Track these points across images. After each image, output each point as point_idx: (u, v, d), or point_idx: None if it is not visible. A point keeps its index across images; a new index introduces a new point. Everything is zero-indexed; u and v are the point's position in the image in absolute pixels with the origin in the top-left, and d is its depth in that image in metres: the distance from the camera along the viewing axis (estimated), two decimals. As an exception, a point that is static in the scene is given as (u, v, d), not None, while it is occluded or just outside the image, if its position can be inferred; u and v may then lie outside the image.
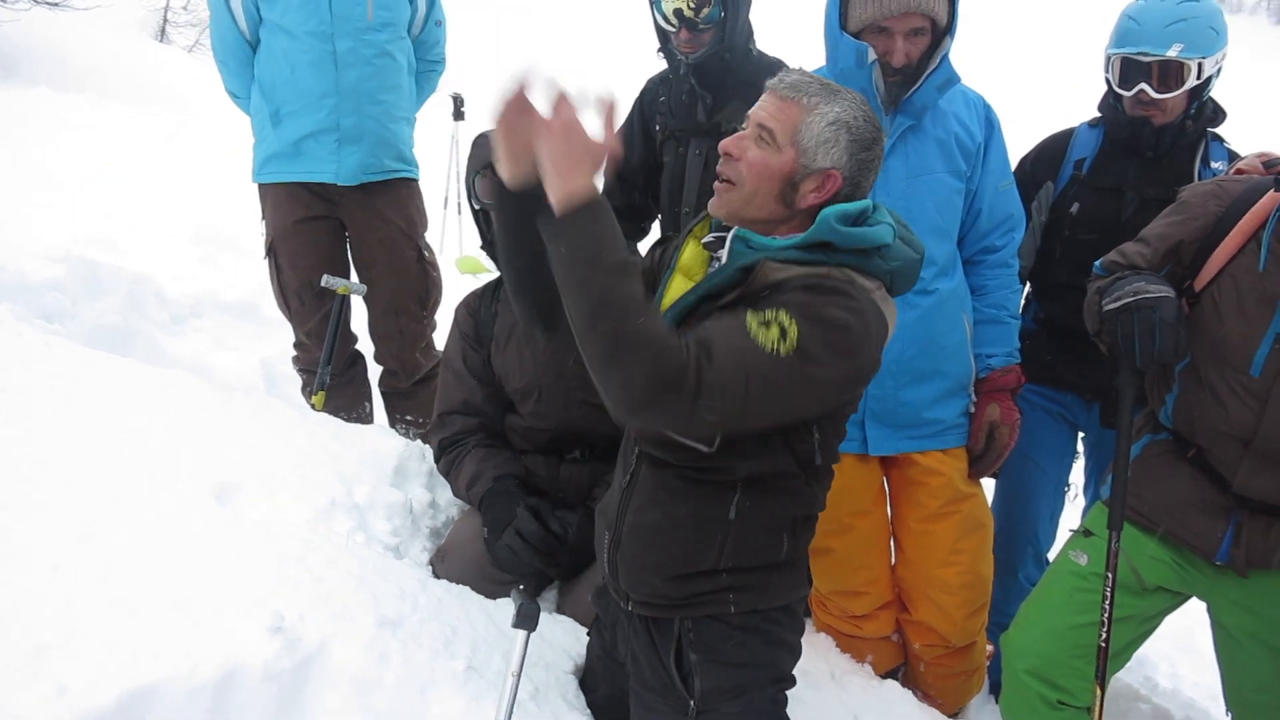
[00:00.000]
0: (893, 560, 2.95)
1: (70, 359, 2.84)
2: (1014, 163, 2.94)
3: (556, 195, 1.62)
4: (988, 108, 2.79)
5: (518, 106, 1.69)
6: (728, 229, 1.94)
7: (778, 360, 1.65)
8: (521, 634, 1.91)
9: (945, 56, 2.60)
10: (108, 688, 1.68)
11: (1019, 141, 3.02)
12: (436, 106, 3.99)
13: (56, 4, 9.85)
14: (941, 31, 2.58)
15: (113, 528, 2.09)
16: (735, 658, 1.99)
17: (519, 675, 1.88)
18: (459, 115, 7.65)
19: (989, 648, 2.98)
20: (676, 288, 1.94)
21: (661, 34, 3.01)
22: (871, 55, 2.55)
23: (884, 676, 2.89)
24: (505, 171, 1.79)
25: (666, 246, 2.09)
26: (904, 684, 2.95)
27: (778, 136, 1.84)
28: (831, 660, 2.82)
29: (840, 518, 2.80)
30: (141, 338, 4.14)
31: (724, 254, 1.89)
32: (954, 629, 2.79)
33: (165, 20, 14.65)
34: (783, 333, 1.66)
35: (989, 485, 3.07)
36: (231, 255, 5.11)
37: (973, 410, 2.82)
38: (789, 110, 1.84)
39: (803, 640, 2.14)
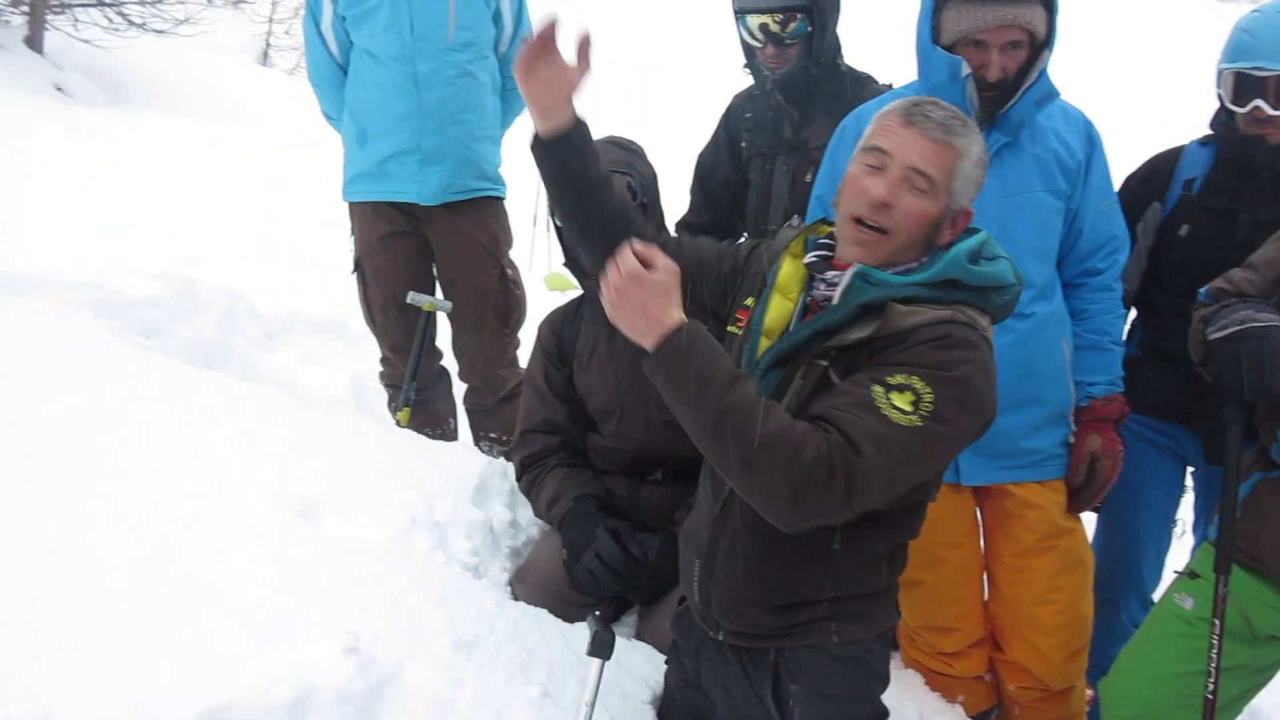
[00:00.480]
0: (986, 596, 2.82)
1: (164, 375, 2.89)
2: (1117, 182, 2.80)
3: (650, 343, 1.68)
4: (1089, 124, 2.67)
5: (542, 53, 1.83)
6: (828, 247, 1.88)
7: (917, 432, 1.65)
8: (596, 662, 1.86)
9: (1044, 71, 2.50)
10: (183, 706, 1.67)
11: (1123, 160, 2.88)
12: (526, 124, 4.00)
13: (164, 31, 10.22)
14: (1040, 44, 2.48)
15: (193, 543, 2.10)
16: (836, 689, 1.94)
17: (593, 705, 1.84)
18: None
19: (1089, 693, 2.82)
20: (777, 309, 1.89)
21: (747, 50, 2.97)
22: (965, 69, 2.46)
23: (975, 718, 2.76)
24: (538, 123, 1.91)
25: (755, 249, 2.04)
26: (998, 727, 2.83)
27: (937, 183, 1.78)
28: (920, 699, 2.70)
29: (931, 549, 2.69)
30: (236, 353, 4.22)
31: (839, 286, 1.80)
32: (1051, 671, 2.65)
33: (268, 44, 15.10)
34: (917, 399, 1.66)
35: (1090, 520, 2.92)
36: (322, 273, 5.20)
37: (1073, 440, 2.68)
38: (945, 155, 1.78)
39: (891, 676, 2.07)
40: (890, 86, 3.09)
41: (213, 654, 1.82)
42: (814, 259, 1.89)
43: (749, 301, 1.96)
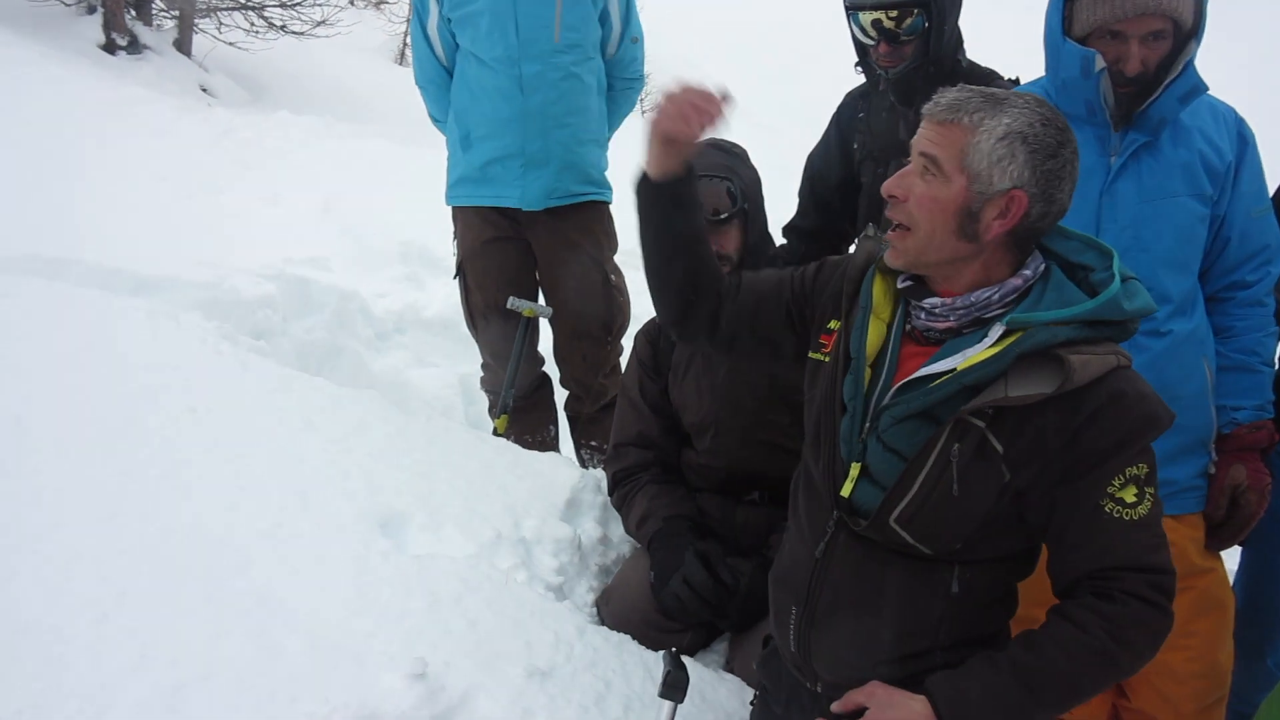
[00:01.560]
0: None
1: (263, 379, 2.90)
2: (1272, 186, 2.52)
3: None
4: (1240, 122, 2.41)
5: (691, 109, 1.77)
6: None
7: (1156, 505, 1.66)
8: (668, 705, 1.75)
9: (1190, 63, 2.25)
10: (238, 732, 1.64)
11: (1277, 161, 2.61)
12: (633, 126, 3.92)
13: (302, 34, 10.55)
14: (1185, 34, 2.24)
15: (272, 557, 2.09)
16: None
17: (664, 750, 1.73)
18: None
19: (1226, 747, 2.57)
20: (874, 331, 1.75)
21: (860, 47, 2.81)
22: (1100, 63, 2.24)
23: (1094, 771, 2.54)
24: (651, 164, 1.84)
25: (822, 267, 1.91)
26: (1121, 781, 2.60)
27: (943, 165, 1.63)
28: (1035, 748, 2.50)
29: (1049, 586, 2.49)
30: (347, 354, 4.26)
31: (994, 332, 1.65)
32: (1180, 725, 2.42)
33: (405, 44, 15.46)
34: (1139, 479, 1.64)
35: (1231, 557, 2.66)
36: (434, 273, 5.23)
37: (1213, 471, 2.43)
38: (951, 133, 1.63)
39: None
40: (1016, 82, 2.88)
41: (277, 676, 1.79)
42: (908, 283, 1.74)
43: (833, 325, 1.82)
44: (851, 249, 3.17)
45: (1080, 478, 1.62)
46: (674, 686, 1.74)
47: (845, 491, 1.74)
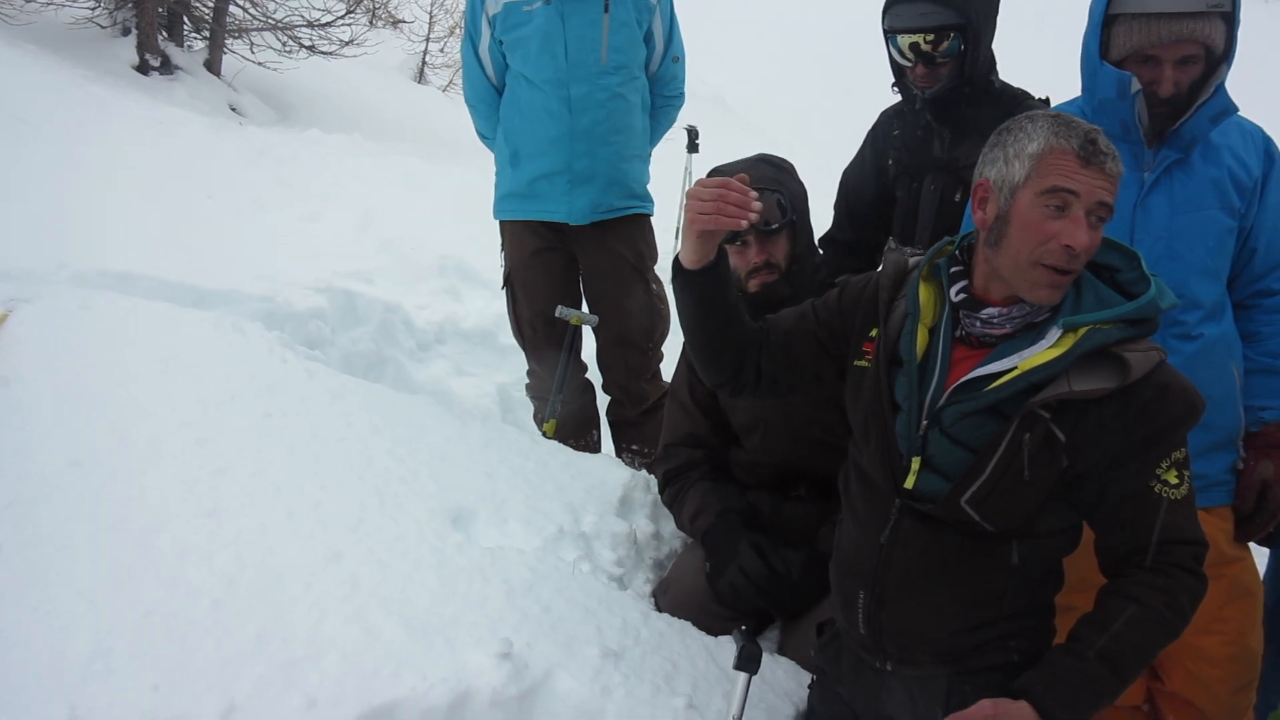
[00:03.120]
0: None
1: (327, 385, 3.06)
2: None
3: None
4: (1268, 140, 2.53)
5: (723, 204, 1.87)
6: (961, 277, 1.88)
7: (1192, 483, 1.83)
8: (743, 676, 1.89)
9: (1220, 85, 2.39)
10: (352, 703, 1.79)
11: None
12: (671, 139, 4.08)
13: (330, 54, 10.72)
14: (1217, 59, 2.38)
15: (357, 549, 2.23)
16: None
17: (739, 718, 1.86)
18: (693, 148, 7.77)
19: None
20: (921, 338, 1.89)
21: (896, 69, 2.94)
22: (1136, 85, 2.38)
23: (1129, 751, 2.66)
24: (688, 256, 1.96)
25: (846, 286, 2.06)
26: (1155, 762, 2.72)
27: (1113, 210, 1.80)
28: (1071, 729, 2.62)
29: (1086, 574, 2.58)
30: (391, 364, 4.41)
31: (1050, 334, 1.80)
32: (1217, 706, 2.53)
33: (424, 63, 15.63)
34: (1179, 469, 1.80)
35: (1261, 553, 2.78)
36: (471, 286, 5.38)
37: (1241, 467, 2.55)
38: (1116, 185, 1.79)
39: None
40: (1047, 102, 3.01)
41: (378, 655, 1.93)
42: (962, 295, 1.88)
43: (874, 333, 1.96)
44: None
45: (1132, 461, 1.78)
46: (749, 658, 1.87)
47: (909, 484, 1.87)
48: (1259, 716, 2.65)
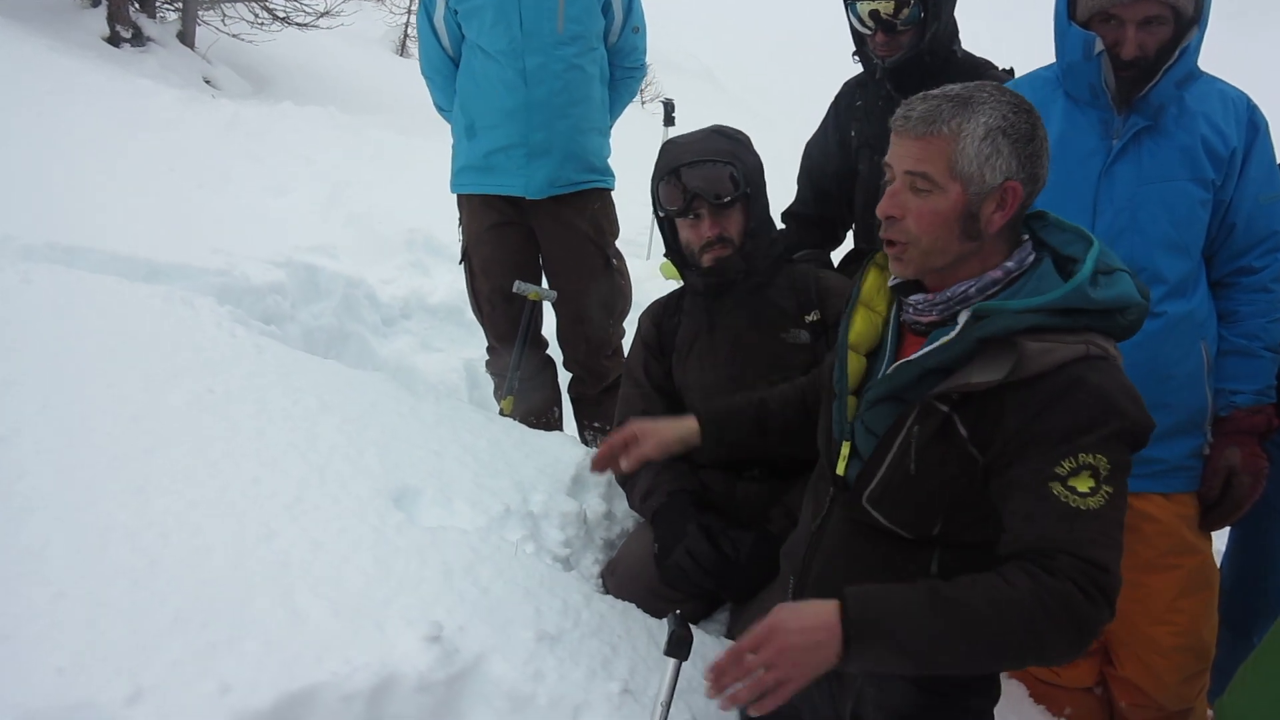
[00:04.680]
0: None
1: (278, 361, 2.99)
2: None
3: (838, 647, 1.56)
4: (1252, 108, 2.43)
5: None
6: None
7: (1112, 499, 1.59)
8: (672, 662, 1.83)
9: (1186, 49, 2.30)
10: (269, 689, 1.72)
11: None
12: (656, 113, 4.03)
13: (306, 25, 10.60)
14: (1187, 21, 2.30)
15: (291, 529, 2.16)
16: (919, 714, 1.85)
17: (668, 705, 1.81)
18: (669, 121, 7.70)
19: (1209, 713, 2.66)
20: (864, 321, 1.84)
21: (857, 37, 2.88)
22: (1098, 46, 2.30)
23: (1082, 733, 2.64)
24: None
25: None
26: (1108, 745, 2.70)
27: (935, 178, 1.68)
28: (1023, 712, 2.59)
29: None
30: (354, 339, 4.35)
31: (961, 320, 1.70)
32: (1165, 693, 2.50)
33: (405, 35, 15.48)
34: (1094, 471, 1.59)
35: (1219, 535, 2.72)
36: (439, 260, 5.31)
37: (1208, 452, 2.48)
38: (933, 146, 1.68)
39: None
40: (1011, 72, 2.95)
41: (303, 638, 1.86)
42: (897, 279, 1.82)
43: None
44: (849, 235, 3.27)
45: (1031, 457, 1.61)
46: (679, 645, 1.81)
47: (840, 469, 1.83)
48: (1213, 699, 2.62)
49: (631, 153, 3.68)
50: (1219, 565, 2.71)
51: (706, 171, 2.50)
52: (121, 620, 1.80)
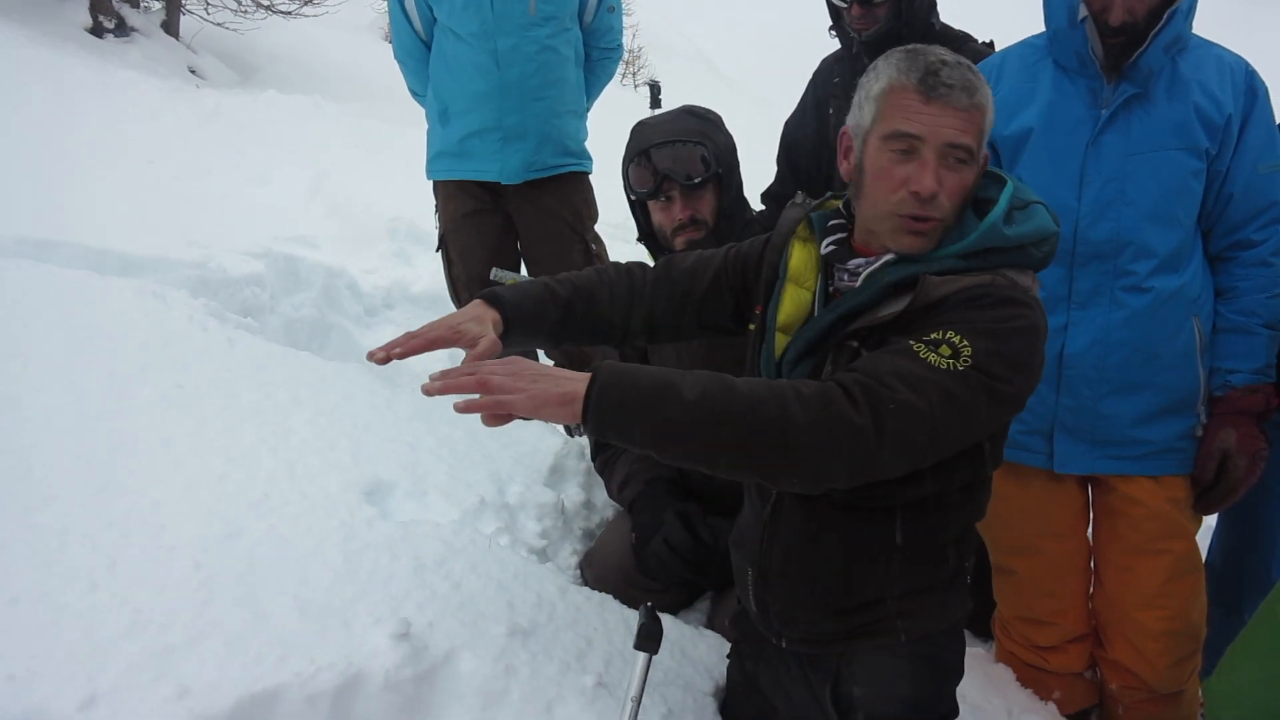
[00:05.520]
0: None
1: (251, 355, 2.94)
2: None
3: (579, 404, 1.46)
4: (1251, 74, 2.34)
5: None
6: (840, 229, 1.76)
7: (957, 376, 1.50)
8: (643, 656, 1.79)
9: (1176, 13, 2.22)
10: (228, 691, 1.68)
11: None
12: (642, 95, 3.97)
13: (290, 13, 10.50)
14: None
15: (258, 526, 2.12)
16: (903, 690, 1.84)
17: (639, 700, 1.77)
18: (655, 103, 7.65)
19: (1200, 693, 2.62)
20: (793, 300, 1.77)
21: (833, 10, 2.83)
22: (1082, 12, 2.23)
23: (1071, 718, 2.59)
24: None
25: (769, 242, 1.90)
26: (1099, 727, 2.66)
27: (974, 150, 1.64)
28: (1010, 695, 2.55)
29: (1028, 539, 2.53)
30: (336, 330, 4.29)
31: (863, 269, 1.69)
32: (1156, 676, 2.46)
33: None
34: (955, 351, 1.51)
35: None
36: (422, 249, 5.25)
37: (1200, 434, 2.40)
38: (976, 118, 1.64)
39: (980, 672, 1.97)
40: (991, 45, 2.89)
41: (266, 638, 1.82)
42: (831, 247, 1.76)
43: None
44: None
45: (907, 333, 1.58)
46: (648, 638, 1.78)
47: None
48: (1205, 677, 2.58)
49: (618, 136, 3.60)
50: (1207, 546, 2.68)
51: (676, 152, 2.44)
52: (77, 624, 1.76)
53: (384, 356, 1.77)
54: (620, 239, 5.20)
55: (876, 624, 1.80)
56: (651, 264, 2.73)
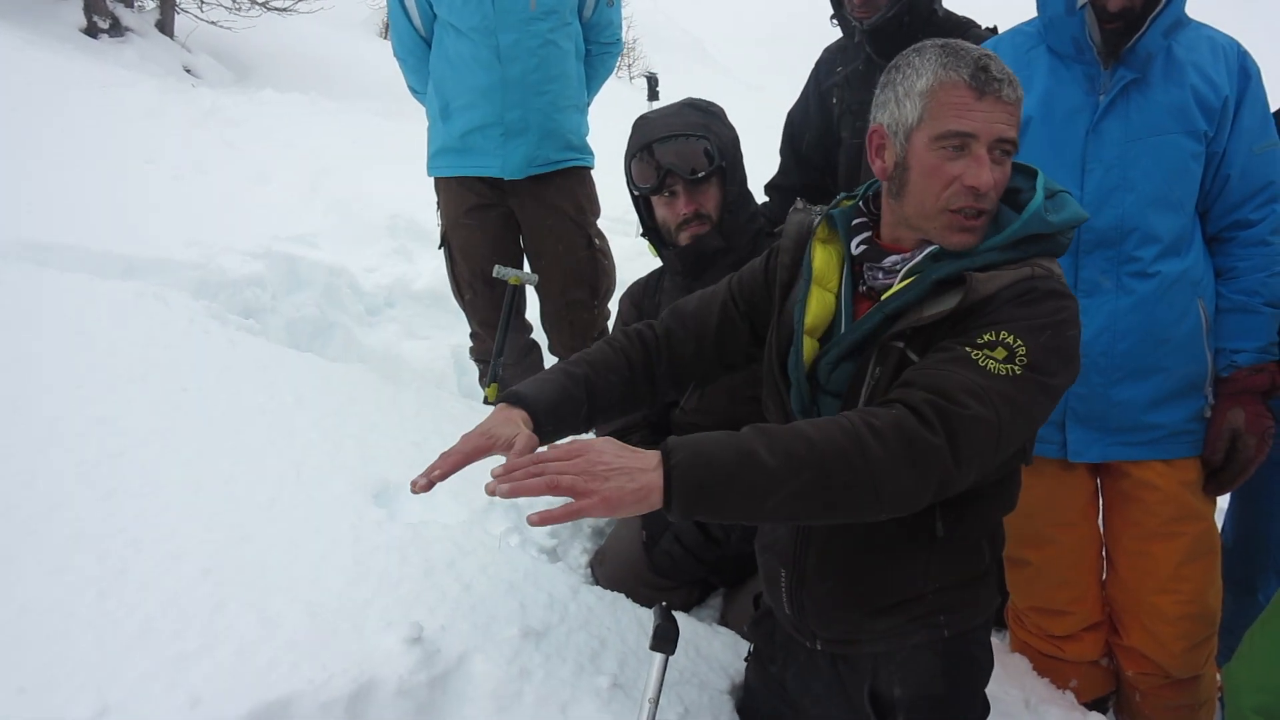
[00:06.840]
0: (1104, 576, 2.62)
1: (253, 357, 2.92)
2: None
3: (659, 490, 1.42)
4: (1243, 55, 2.34)
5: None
6: (863, 228, 1.74)
7: (1014, 380, 1.51)
8: (659, 657, 1.77)
9: None
10: (241, 700, 1.66)
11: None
12: (639, 88, 3.95)
13: (284, 10, 10.46)
14: None
15: (267, 530, 2.11)
16: (942, 687, 1.82)
17: (656, 701, 1.75)
18: (654, 95, 7.61)
19: (1218, 678, 2.61)
20: (819, 302, 1.74)
21: (834, -1, 2.79)
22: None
23: (1089, 706, 2.57)
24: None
25: (773, 257, 1.89)
26: (1116, 715, 2.64)
27: (1017, 143, 1.65)
28: (1027, 686, 2.53)
29: (1040, 528, 2.51)
30: (338, 329, 4.27)
31: (906, 267, 1.68)
32: (1172, 661, 2.45)
33: (387, 19, 15.35)
34: (1010, 353, 1.53)
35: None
36: (423, 246, 5.22)
37: (1209, 415, 2.40)
38: (1017, 112, 1.64)
39: (996, 663, 1.96)
40: (994, 31, 2.86)
41: (277, 645, 1.81)
42: (863, 247, 1.74)
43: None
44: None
45: (956, 335, 1.58)
46: (664, 639, 1.76)
47: None
48: (1221, 663, 2.57)
49: (617, 129, 3.58)
50: (1221, 526, 2.66)
51: (679, 146, 2.42)
52: (88, 633, 1.74)
53: (425, 484, 1.73)
54: (620, 232, 5.18)
55: (918, 620, 1.79)
56: (657, 260, 2.73)
